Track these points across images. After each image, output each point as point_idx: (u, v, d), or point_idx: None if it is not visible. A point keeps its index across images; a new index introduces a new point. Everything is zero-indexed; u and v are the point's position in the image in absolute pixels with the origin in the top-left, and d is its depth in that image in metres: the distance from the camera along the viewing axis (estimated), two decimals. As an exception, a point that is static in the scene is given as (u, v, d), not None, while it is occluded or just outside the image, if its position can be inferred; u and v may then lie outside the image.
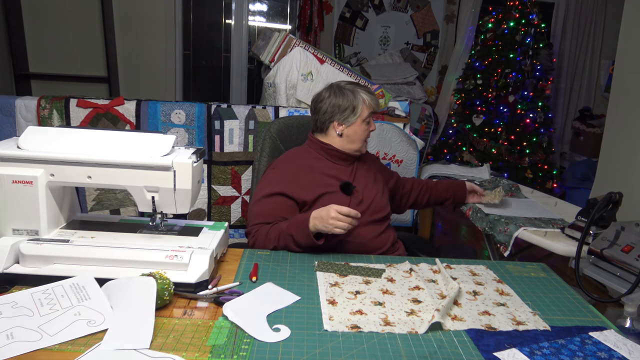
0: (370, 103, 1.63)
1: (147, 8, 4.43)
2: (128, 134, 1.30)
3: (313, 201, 1.57)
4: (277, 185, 1.57)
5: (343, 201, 1.56)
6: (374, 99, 1.64)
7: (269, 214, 1.53)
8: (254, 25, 5.15)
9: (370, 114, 1.64)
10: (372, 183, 1.70)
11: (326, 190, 1.58)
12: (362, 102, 1.61)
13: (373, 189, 1.69)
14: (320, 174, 1.62)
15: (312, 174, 1.61)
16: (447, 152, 4.81)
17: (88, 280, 1.13)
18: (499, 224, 1.93)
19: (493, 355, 0.97)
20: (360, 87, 1.64)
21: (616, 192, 1.66)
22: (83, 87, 4.35)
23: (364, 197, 1.65)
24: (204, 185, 2.54)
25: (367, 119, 1.64)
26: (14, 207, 1.21)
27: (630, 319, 1.18)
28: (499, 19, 4.59)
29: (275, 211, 1.54)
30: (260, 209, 1.56)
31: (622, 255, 1.32)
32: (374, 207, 1.65)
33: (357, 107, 1.61)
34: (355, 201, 1.61)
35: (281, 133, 1.90)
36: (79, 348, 0.92)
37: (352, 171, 1.68)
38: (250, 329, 1.01)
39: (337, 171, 1.65)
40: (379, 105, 1.67)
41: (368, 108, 1.62)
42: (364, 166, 1.73)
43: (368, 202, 1.64)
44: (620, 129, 2.96)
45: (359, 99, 1.61)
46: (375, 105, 1.65)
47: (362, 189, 1.65)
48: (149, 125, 2.45)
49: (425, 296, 1.21)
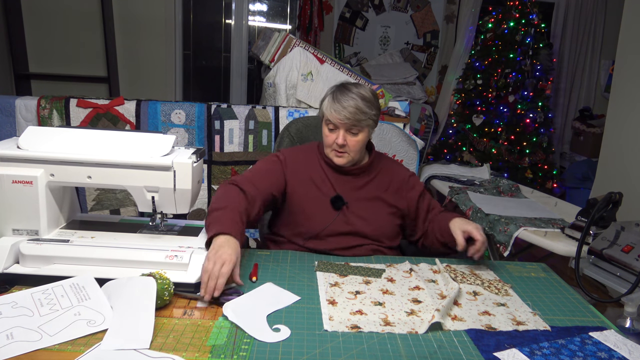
0: (327, 110, 1.45)
1: (147, 8, 4.43)
2: (128, 134, 1.30)
3: (289, 193, 1.52)
4: (279, 153, 1.56)
5: (323, 212, 1.50)
6: (336, 107, 1.43)
7: (247, 179, 1.45)
8: (254, 25, 5.15)
9: (331, 123, 1.46)
10: (367, 206, 1.53)
11: (307, 192, 1.52)
12: (322, 106, 1.49)
13: (367, 212, 1.53)
14: (310, 173, 1.54)
15: (307, 168, 1.55)
16: (447, 152, 4.80)
17: (88, 280, 1.13)
18: (499, 224, 1.93)
19: (493, 355, 0.97)
20: (341, 90, 1.46)
21: (616, 192, 1.66)
22: (83, 87, 4.35)
23: (352, 219, 1.51)
24: (204, 185, 2.54)
25: (327, 124, 1.48)
26: (14, 207, 1.21)
27: (630, 319, 1.18)
28: (499, 19, 4.59)
29: (256, 177, 1.47)
30: (246, 173, 1.51)
31: (622, 255, 1.32)
32: (363, 233, 1.51)
33: (321, 109, 1.51)
34: (342, 219, 1.50)
35: (300, 133, 1.88)
36: (79, 348, 0.92)
37: (342, 183, 1.53)
38: (250, 329, 1.01)
39: (323, 178, 1.54)
40: (340, 117, 1.43)
41: (326, 115, 1.47)
42: (366, 183, 1.55)
43: (357, 225, 1.50)
44: (620, 129, 2.96)
45: (324, 101, 1.49)
46: (332, 115, 1.44)
47: (354, 209, 1.52)
48: (149, 125, 2.45)
49: (425, 296, 1.21)
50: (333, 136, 1.47)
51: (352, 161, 1.52)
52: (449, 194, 2.38)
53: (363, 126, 1.46)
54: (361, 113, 1.44)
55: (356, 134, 1.47)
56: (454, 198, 2.33)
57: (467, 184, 2.56)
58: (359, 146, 1.49)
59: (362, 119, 1.44)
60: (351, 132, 1.46)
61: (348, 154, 1.49)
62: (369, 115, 1.46)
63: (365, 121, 1.46)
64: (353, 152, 1.49)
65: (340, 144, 1.46)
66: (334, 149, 1.49)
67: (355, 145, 1.48)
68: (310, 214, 1.51)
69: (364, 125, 1.46)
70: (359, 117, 1.44)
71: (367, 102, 1.45)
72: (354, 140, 1.47)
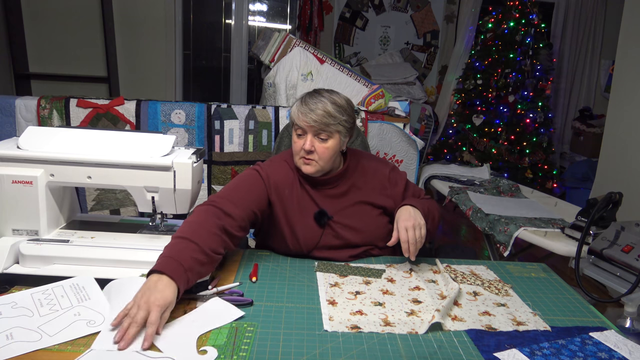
0: (295, 114, 1.39)
1: (147, 8, 4.43)
2: (128, 134, 1.30)
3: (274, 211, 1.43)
4: (258, 168, 1.45)
5: (309, 229, 1.42)
6: (303, 109, 1.37)
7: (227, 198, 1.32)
8: (254, 25, 5.15)
9: (299, 128, 1.39)
10: (353, 213, 1.47)
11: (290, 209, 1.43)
12: (292, 112, 1.42)
13: (354, 220, 1.46)
14: (291, 187, 1.45)
15: (286, 183, 1.45)
16: (447, 152, 4.81)
17: (88, 280, 1.13)
18: (499, 224, 1.93)
19: (493, 355, 0.97)
20: (311, 94, 1.41)
21: (616, 192, 1.66)
22: (83, 87, 4.35)
23: (340, 232, 1.44)
24: (204, 185, 2.54)
25: (296, 129, 1.41)
26: (14, 207, 1.21)
27: (630, 319, 1.18)
28: (499, 19, 4.60)
29: (237, 196, 1.34)
30: (226, 191, 1.37)
31: (622, 255, 1.32)
32: (354, 244, 1.45)
33: (290, 115, 1.45)
34: (330, 233, 1.44)
35: None
36: (78, 348, 0.92)
37: (322, 194, 1.46)
38: (173, 351, 0.92)
39: (303, 192, 1.46)
40: (307, 120, 1.36)
41: (293, 119, 1.41)
42: (347, 190, 1.48)
43: (346, 237, 1.44)
44: (620, 129, 2.96)
45: (293, 106, 1.42)
46: (299, 119, 1.38)
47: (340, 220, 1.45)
48: (149, 125, 2.45)
49: (425, 296, 1.21)
50: (300, 142, 1.39)
51: (321, 170, 1.42)
52: (449, 194, 2.38)
53: (332, 131, 1.37)
54: (329, 117, 1.35)
55: (325, 140, 1.38)
56: (454, 198, 2.33)
57: (467, 184, 2.56)
58: (328, 154, 1.39)
59: (331, 122, 1.36)
60: (320, 137, 1.38)
61: (317, 162, 1.39)
62: (339, 120, 1.37)
63: (334, 126, 1.37)
64: (322, 161, 1.39)
65: (307, 149, 1.37)
66: (301, 156, 1.40)
67: (324, 153, 1.38)
68: (297, 232, 1.42)
69: (333, 130, 1.37)
70: (327, 120, 1.35)
71: (337, 107, 1.38)
72: (322, 147, 1.38)
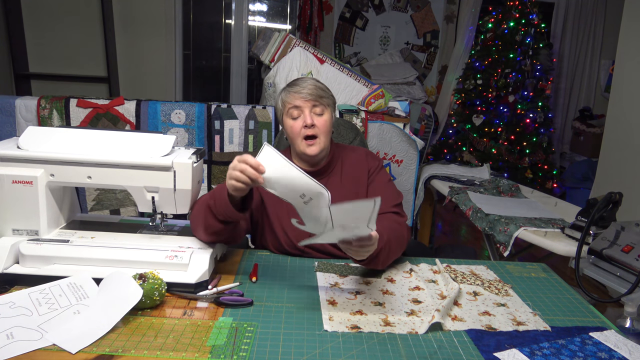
0: (286, 98, 1.44)
1: (147, 8, 4.43)
2: (128, 134, 1.30)
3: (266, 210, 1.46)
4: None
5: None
6: (294, 89, 1.43)
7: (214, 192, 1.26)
8: (254, 25, 5.15)
9: (294, 108, 1.43)
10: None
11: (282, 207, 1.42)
12: (280, 99, 1.47)
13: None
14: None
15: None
16: (447, 152, 4.81)
17: (85, 279, 1.12)
18: (499, 224, 1.93)
19: (493, 355, 0.97)
20: (293, 80, 1.48)
21: (616, 192, 1.66)
22: (83, 87, 4.35)
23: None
24: (204, 186, 2.54)
25: (291, 112, 1.44)
26: (14, 207, 1.21)
27: (630, 319, 1.18)
28: (499, 19, 4.60)
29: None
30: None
31: (622, 255, 1.32)
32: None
33: (279, 103, 1.48)
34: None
35: None
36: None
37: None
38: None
39: None
40: (303, 95, 1.41)
41: (285, 103, 1.44)
42: (337, 184, 1.50)
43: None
44: (620, 129, 2.96)
45: (279, 98, 1.47)
46: (292, 98, 1.42)
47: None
48: (149, 125, 2.45)
49: (425, 296, 1.21)
50: (300, 121, 1.43)
51: (324, 149, 1.46)
52: (449, 194, 2.38)
53: (325, 105, 1.45)
54: (320, 90, 1.44)
55: (321, 114, 1.44)
56: (454, 198, 2.33)
57: (467, 184, 2.56)
58: (327, 127, 1.45)
59: (323, 95, 1.45)
60: (315, 112, 1.43)
61: (319, 139, 1.43)
62: (328, 94, 1.47)
63: (326, 99, 1.45)
64: (323, 135, 1.44)
65: (309, 123, 1.41)
66: (303, 136, 1.43)
67: (324, 125, 1.44)
68: (289, 230, 1.42)
69: (326, 104, 1.45)
70: (320, 93, 1.44)
71: (321, 84, 1.47)
72: (321, 120, 1.43)
